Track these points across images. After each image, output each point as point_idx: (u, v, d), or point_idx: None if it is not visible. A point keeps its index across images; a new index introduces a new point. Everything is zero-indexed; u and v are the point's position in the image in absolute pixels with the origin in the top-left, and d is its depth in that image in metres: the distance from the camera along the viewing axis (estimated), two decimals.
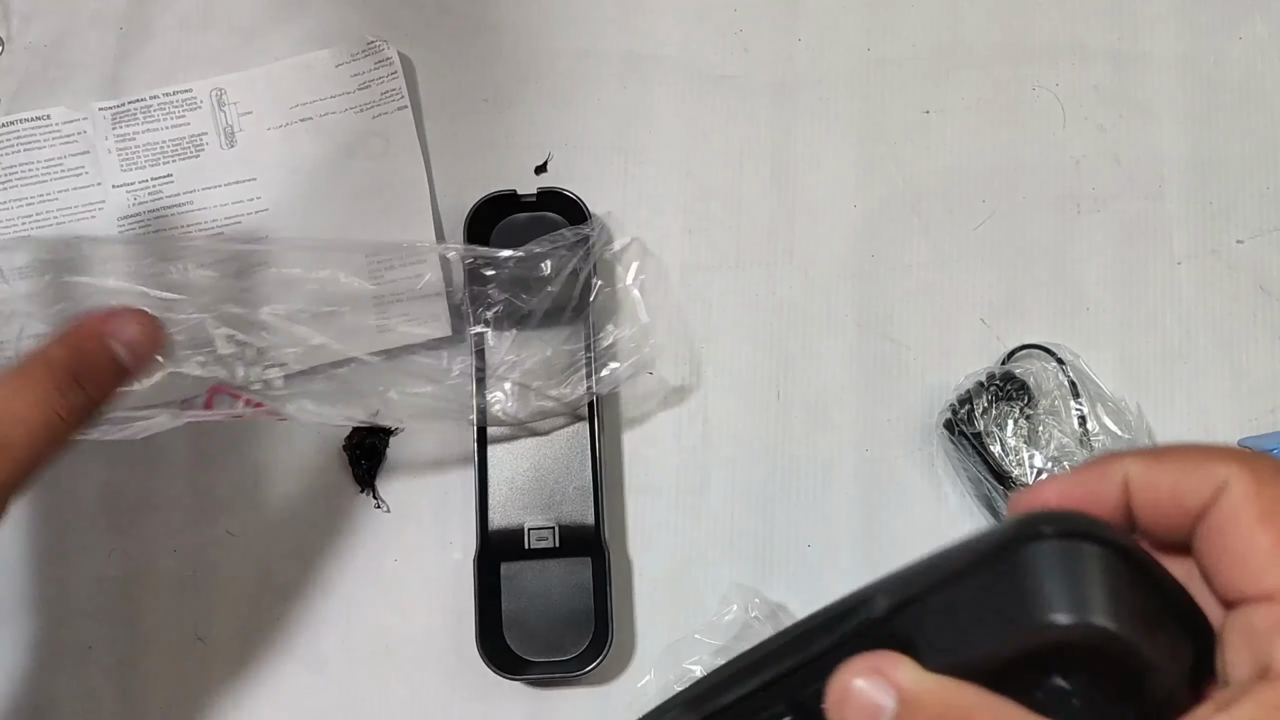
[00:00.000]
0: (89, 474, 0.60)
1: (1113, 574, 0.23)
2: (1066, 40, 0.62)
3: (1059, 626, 0.22)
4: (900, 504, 0.57)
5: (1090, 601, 0.22)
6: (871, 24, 0.63)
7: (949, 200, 0.61)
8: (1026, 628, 0.23)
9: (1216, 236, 0.60)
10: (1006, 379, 0.55)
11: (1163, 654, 0.23)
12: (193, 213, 0.63)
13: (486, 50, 0.64)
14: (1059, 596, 0.23)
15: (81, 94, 0.65)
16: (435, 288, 0.60)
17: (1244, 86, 0.61)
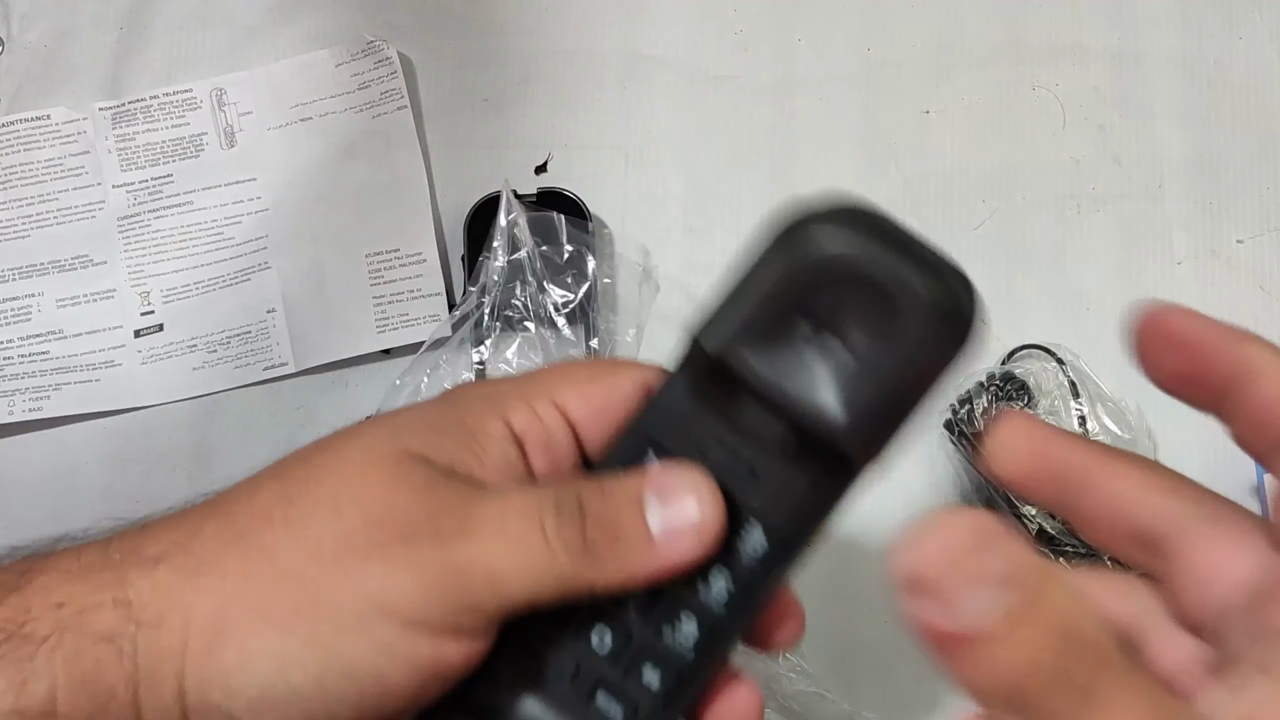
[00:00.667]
0: (89, 474, 0.60)
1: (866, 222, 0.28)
2: (1066, 40, 0.62)
3: (814, 254, 0.27)
4: (901, 504, 0.57)
5: (840, 235, 0.27)
6: (871, 24, 0.63)
7: (949, 200, 0.61)
8: (789, 263, 0.27)
9: (1216, 236, 0.60)
10: (1006, 379, 0.55)
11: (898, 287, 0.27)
12: (193, 213, 0.63)
13: (486, 50, 0.64)
14: (816, 233, 0.27)
15: (81, 94, 0.65)
16: (435, 288, 0.60)
17: (1244, 86, 0.61)
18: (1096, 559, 0.53)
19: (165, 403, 0.61)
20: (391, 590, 0.26)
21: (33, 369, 0.61)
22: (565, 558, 0.27)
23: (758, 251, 0.28)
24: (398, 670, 0.27)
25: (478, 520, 0.27)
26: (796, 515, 0.29)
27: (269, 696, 0.26)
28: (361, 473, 0.28)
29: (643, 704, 0.29)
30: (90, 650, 0.26)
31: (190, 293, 0.62)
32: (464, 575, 0.27)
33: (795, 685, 0.53)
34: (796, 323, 0.28)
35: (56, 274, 0.62)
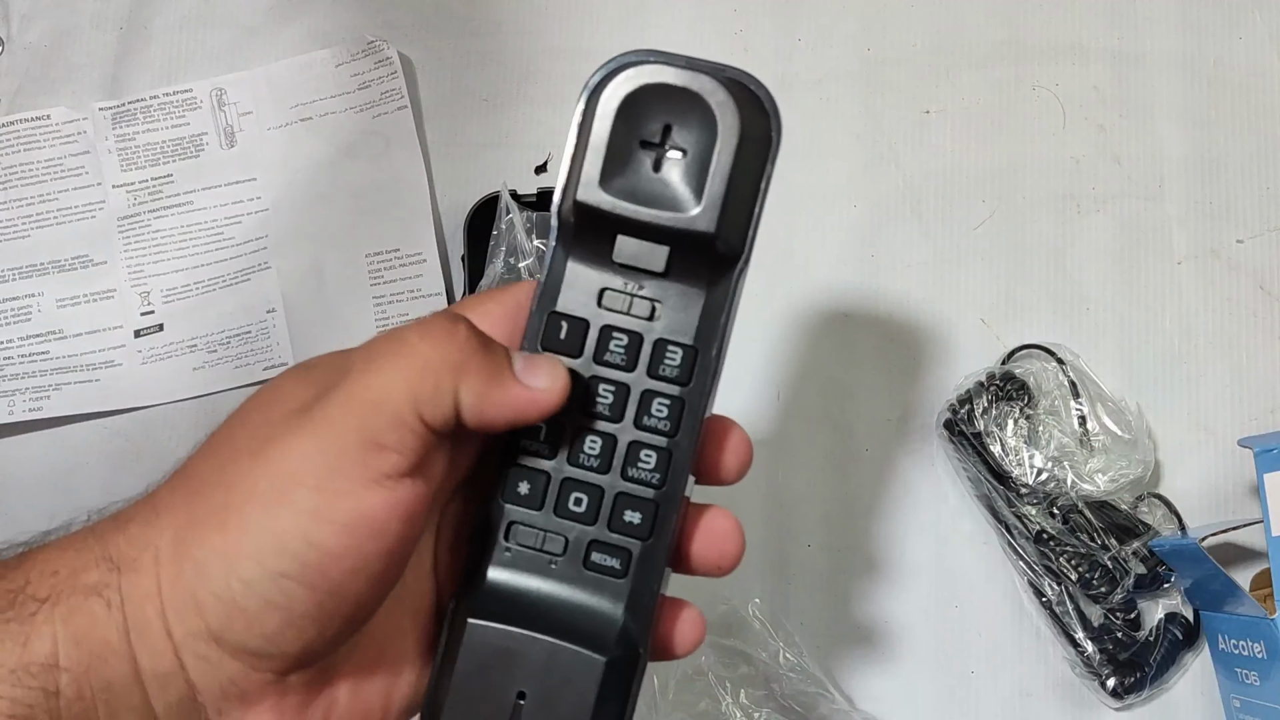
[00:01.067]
0: (89, 474, 0.60)
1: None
2: (1066, 40, 0.62)
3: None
4: (900, 504, 0.57)
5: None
6: (871, 24, 0.63)
7: (949, 200, 0.61)
8: (607, 109, 0.32)
9: (1216, 236, 0.60)
10: (1006, 379, 0.55)
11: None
12: (193, 213, 0.63)
13: (486, 50, 0.64)
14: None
15: (81, 94, 0.65)
16: (435, 288, 0.60)
17: (1244, 86, 0.61)
18: (1095, 559, 0.53)
19: (165, 403, 0.61)
20: (296, 457, 0.28)
21: (33, 369, 0.61)
22: (434, 350, 0.29)
23: (578, 117, 0.32)
24: (325, 532, 0.28)
25: (352, 361, 0.30)
26: (702, 323, 0.33)
27: (228, 596, 0.28)
28: (264, 389, 0.31)
29: (633, 545, 0.32)
30: (83, 605, 0.28)
31: (190, 293, 0.62)
32: (351, 410, 0.28)
33: (795, 684, 0.53)
34: (636, 153, 0.32)
35: (56, 274, 0.62)
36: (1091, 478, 0.53)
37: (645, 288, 0.33)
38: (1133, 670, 0.52)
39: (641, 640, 0.32)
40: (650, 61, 0.31)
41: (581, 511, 0.33)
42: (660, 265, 0.32)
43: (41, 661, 0.28)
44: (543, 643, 0.31)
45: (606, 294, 0.33)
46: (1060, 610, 0.53)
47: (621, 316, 0.33)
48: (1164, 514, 0.54)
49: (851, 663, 0.55)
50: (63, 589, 0.28)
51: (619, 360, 0.33)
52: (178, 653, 0.29)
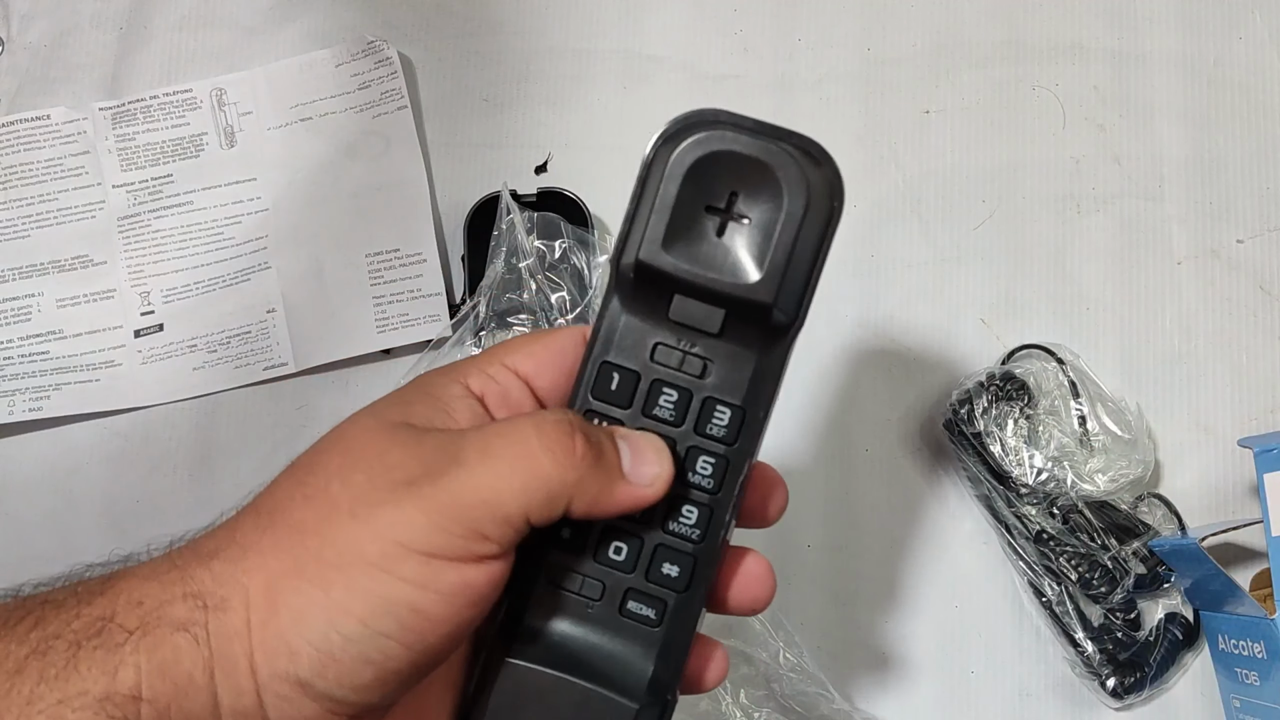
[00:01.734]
0: (89, 474, 0.60)
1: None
2: (1066, 40, 0.62)
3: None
4: (900, 504, 0.57)
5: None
6: (871, 24, 0.63)
7: (949, 200, 0.61)
8: (676, 169, 0.32)
9: (1216, 236, 0.60)
10: (1006, 379, 0.55)
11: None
12: (193, 213, 0.63)
13: (486, 50, 0.64)
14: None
15: (81, 94, 0.65)
16: (434, 288, 0.60)
17: (1244, 86, 0.61)
18: (1095, 559, 0.53)
19: (165, 403, 0.61)
20: (405, 529, 0.29)
21: (33, 369, 0.61)
22: (555, 468, 0.30)
23: (645, 171, 0.32)
24: (429, 599, 0.29)
25: (466, 451, 0.30)
26: (752, 385, 0.33)
27: (325, 648, 0.29)
28: (357, 444, 0.31)
29: (669, 596, 0.33)
30: (169, 639, 0.29)
31: (190, 293, 0.62)
32: (464, 502, 0.29)
33: (795, 685, 0.53)
34: (700, 217, 0.32)
35: (56, 274, 0.62)
36: (1091, 478, 0.53)
37: (698, 346, 0.33)
38: (1133, 670, 0.52)
39: (671, 688, 0.33)
40: (722, 123, 0.32)
41: (620, 560, 0.33)
42: (716, 327, 0.33)
43: (126, 692, 0.28)
44: (576, 686, 0.32)
45: (659, 349, 0.33)
46: (1060, 610, 0.53)
47: (673, 372, 0.33)
48: (1164, 514, 0.54)
49: (851, 663, 0.55)
50: (149, 621, 0.29)
51: (668, 415, 0.33)
52: (259, 692, 0.29)
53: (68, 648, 0.29)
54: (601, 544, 0.33)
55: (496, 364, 0.34)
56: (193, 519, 0.61)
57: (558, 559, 0.33)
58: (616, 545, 0.33)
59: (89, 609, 0.29)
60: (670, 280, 0.32)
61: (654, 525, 0.33)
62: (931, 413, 0.58)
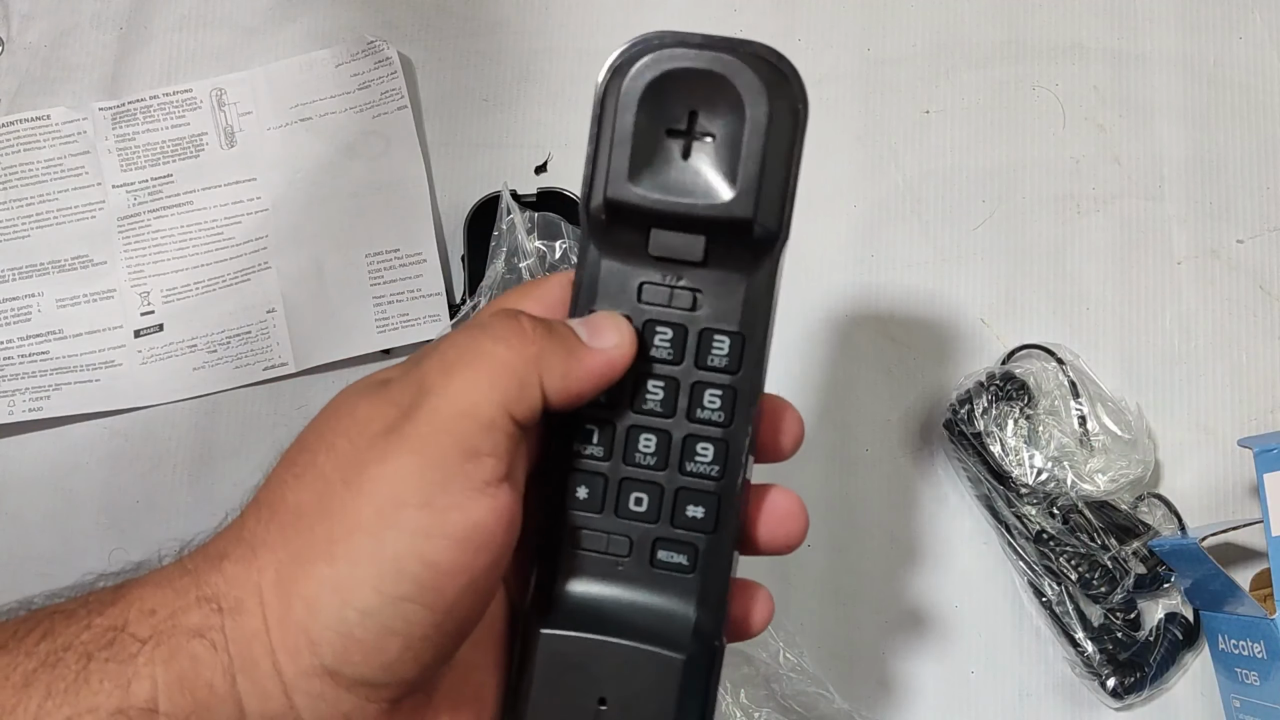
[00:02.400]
0: (89, 474, 0.60)
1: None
2: (1066, 40, 0.62)
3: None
4: (900, 504, 0.57)
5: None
6: (871, 24, 0.63)
7: (949, 200, 0.61)
8: (629, 98, 0.31)
9: (1216, 236, 0.60)
10: (1006, 379, 0.55)
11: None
12: (193, 213, 0.63)
13: (486, 50, 0.64)
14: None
15: (81, 94, 0.65)
16: (434, 288, 0.60)
17: (1244, 86, 0.61)
18: (1094, 559, 0.53)
19: (165, 403, 0.61)
20: (396, 479, 0.28)
21: (33, 369, 0.61)
22: (514, 352, 0.29)
23: (599, 105, 0.31)
24: (438, 546, 0.28)
25: (429, 377, 0.29)
26: (746, 309, 0.32)
27: (344, 629, 0.27)
28: (335, 413, 0.31)
29: (698, 540, 0.32)
30: (185, 647, 0.28)
31: (190, 293, 0.62)
32: (444, 425, 0.28)
33: (795, 685, 0.53)
34: (663, 142, 0.31)
35: (56, 274, 0.62)
36: (1091, 478, 0.53)
37: (684, 278, 0.32)
38: (1133, 670, 0.52)
39: (716, 633, 0.32)
40: (666, 44, 0.31)
41: (643, 511, 0.32)
42: (698, 255, 0.31)
43: (141, 705, 0.27)
44: (619, 646, 0.31)
45: (645, 288, 0.32)
46: (1060, 610, 0.53)
47: (663, 309, 0.32)
48: (1164, 514, 0.54)
49: (851, 663, 0.55)
50: (163, 629, 0.28)
51: (665, 354, 0.32)
52: (288, 693, 0.28)
53: (77, 660, 0.27)
54: (621, 498, 0.32)
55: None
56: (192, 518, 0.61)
57: (579, 521, 0.32)
58: (636, 496, 0.32)
59: (100, 619, 0.28)
60: (643, 214, 0.31)
61: (671, 468, 0.32)
62: (931, 413, 0.58)
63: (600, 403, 0.32)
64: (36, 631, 0.28)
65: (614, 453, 0.32)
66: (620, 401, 0.32)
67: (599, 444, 0.32)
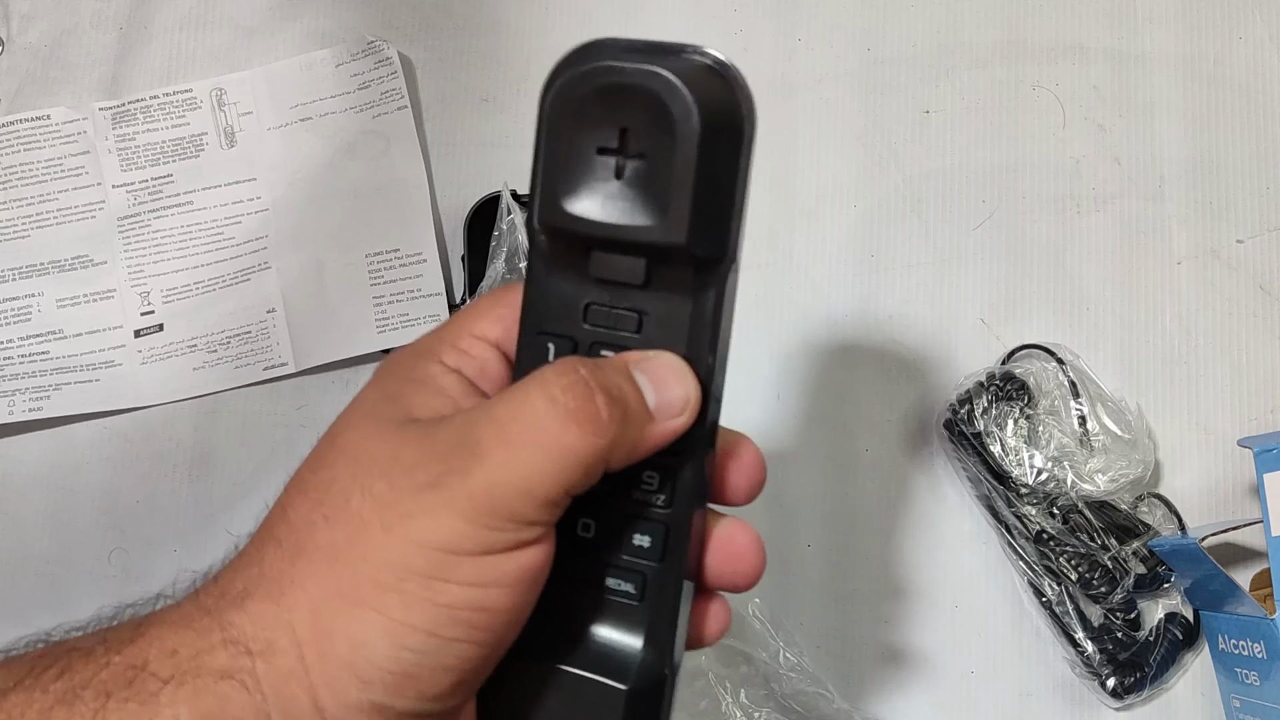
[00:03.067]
0: (89, 474, 0.60)
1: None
2: (1066, 40, 0.62)
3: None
4: (900, 504, 0.57)
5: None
6: (871, 24, 0.63)
7: (949, 200, 0.61)
8: (560, 117, 0.29)
9: (1216, 236, 0.60)
10: (1006, 379, 0.55)
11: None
12: (193, 213, 0.63)
13: (486, 50, 0.64)
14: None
15: (81, 94, 0.65)
16: (435, 288, 0.60)
17: (1244, 86, 0.61)
18: (1094, 559, 0.53)
19: (165, 403, 0.61)
20: (446, 534, 0.27)
21: (33, 369, 0.61)
22: (583, 439, 0.28)
23: (539, 122, 0.29)
24: (493, 595, 0.28)
25: (484, 443, 0.28)
26: (692, 333, 0.30)
27: (398, 668, 0.27)
28: (365, 450, 0.29)
29: (647, 568, 0.31)
30: (212, 688, 0.27)
31: (190, 293, 0.62)
32: (499, 496, 0.27)
33: (795, 684, 0.53)
34: (594, 161, 0.29)
35: (56, 274, 0.62)
36: (1091, 478, 0.53)
37: (628, 300, 0.30)
38: (1133, 670, 0.52)
39: (665, 662, 0.31)
40: (602, 52, 0.29)
41: (589, 537, 0.31)
42: (639, 278, 0.30)
43: None
44: (566, 674, 0.30)
45: (591, 310, 0.31)
46: (1060, 610, 0.53)
47: (609, 332, 0.31)
48: (1164, 514, 0.54)
49: (851, 662, 0.55)
50: (186, 670, 0.27)
51: None
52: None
53: (95, 698, 0.27)
54: (568, 523, 0.31)
55: (465, 336, 0.32)
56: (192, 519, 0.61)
57: None
58: (584, 522, 0.31)
59: (119, 657, 0.28)
60: (581, 237, 0.29)
61: (617, 493, 0.31)
62: (931, 413, 0.58)
63: None
64: (55, 668, 0.28)
65: None
66: None
67: None
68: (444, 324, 0.33)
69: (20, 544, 0.59)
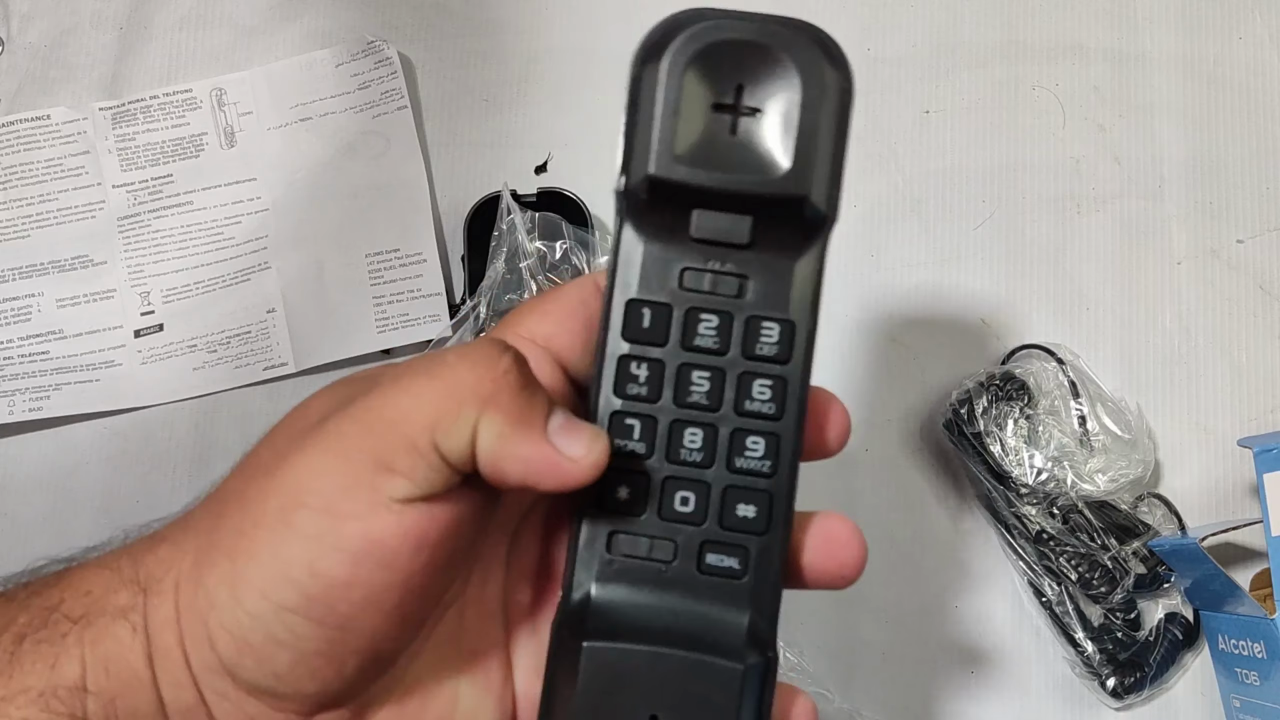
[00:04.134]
0: (89, 474, 0.60)
1: None
2: (1066, 40, 0.62)
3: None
4: (900, 504, 0.57)
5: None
6: (871, 23, 0.63)
7: (949, 200, 0.61)
8: (673, 70, 0.29)
9: (1216, 236, 0.60)
10: (1006, 379, 0.55)
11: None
12: (192, 213, 0.63)
13: (486, 50, 0.64)
14: None
15: (81, 94, 0.65)
16: (435, 288, 0.60)
17: (1244, 86, 0.61)
18: (1094, 559, 0.53)
19: (165, 403, 0.61)
20: (303, 473, 0.26)
21: (33, 369, 0.61)
22: (469, 373, 0.26)
23: (637, 82, 0.29)
24: (329, 560, 0.26)
25: (383, 377, 0.27)
26: (796, 295, 0.30)
27: (237, 630, 0.26)
28: (301, 403, 0.29)
29: (750, 542, 0.30)
30: (110, 628, 0.27)
31: (190, 293, 0.62)
32: (367, 425, 0.26)
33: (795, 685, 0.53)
34: (709, 117, 0.29)
35: (56, 274, 0.62)
36: (1091, 478, 0.53)
37: (729, 262, 0.30)
38: (1133, 670, 0.52)
39: (771, 642, 0.30)
40: (709, 17, 0.29)
41: (689, 511, 0.30)
42: (745, 237, 0.30)
43: (70, 685, 0.26)
44: (670, 657, 0.29)
45: (688, 274, 0.30)
46: (1060, 610, 0.53)
47: (708, 296, 0.30)
48: (1164, 514, 0.54)
49: (852, 663, 0.55)
50: (93, 610, 0.27)
51: (711, 344, 0.30)
52: (198, 685, 0.27)
53: (13, 641, 0.27)
54: (665, 498, 0.30)
55: (511, 335, 0.31)
56: None
57: (619, 524, 0.30)
58: (682, 496, 0.30)
59: (37, 599, 0.27)
60: (689, 192, 0.29)
61: (719, 465, 0.30)
62: (931, 413, 0.58)
63: (641, 396, 0.30)
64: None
65: (656, 449, 0.30)
66: (662, 394, 0.30)
67: (640, 439, 0.30)
68: (494, 327, 0.32)
69: (19, 545, 0.59)
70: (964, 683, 0.55)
